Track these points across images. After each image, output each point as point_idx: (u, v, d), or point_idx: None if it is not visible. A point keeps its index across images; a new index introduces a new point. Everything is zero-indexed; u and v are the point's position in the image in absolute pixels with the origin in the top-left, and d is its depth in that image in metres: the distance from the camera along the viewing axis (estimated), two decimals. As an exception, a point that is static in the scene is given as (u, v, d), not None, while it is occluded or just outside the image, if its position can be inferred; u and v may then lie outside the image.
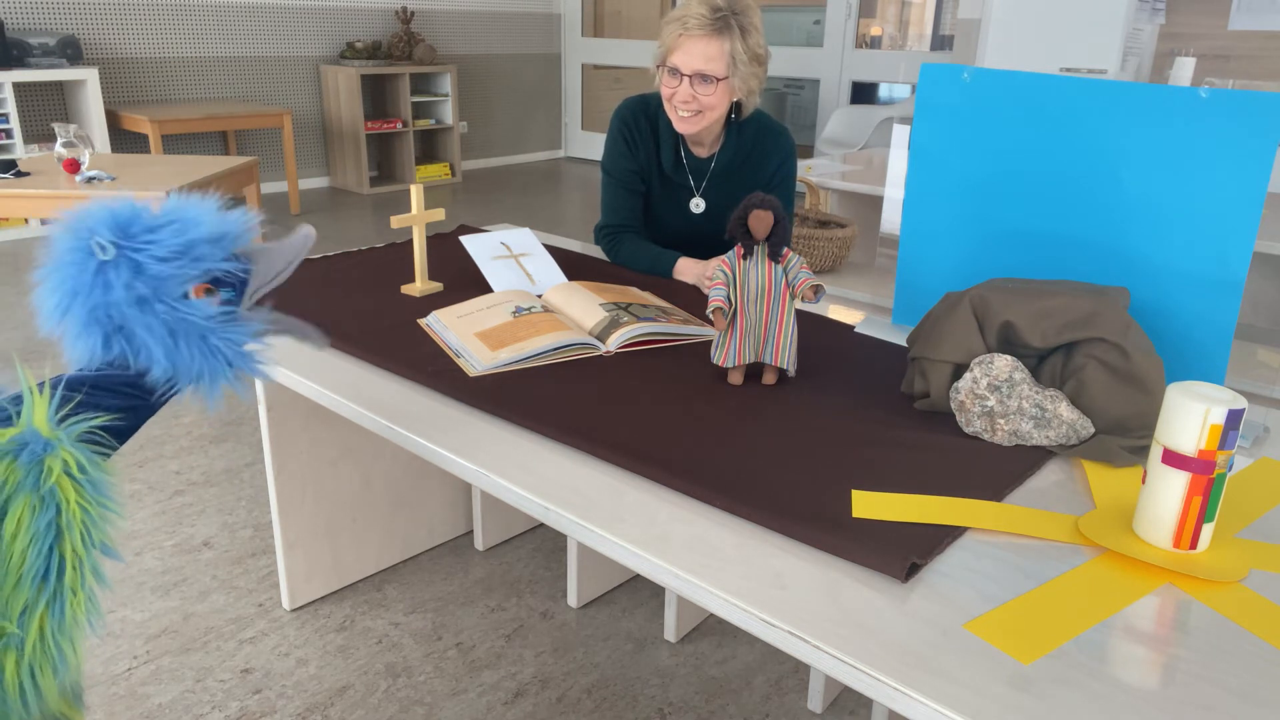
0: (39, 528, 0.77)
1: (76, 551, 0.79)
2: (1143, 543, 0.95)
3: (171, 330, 0.89)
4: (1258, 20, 4.11)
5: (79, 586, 0.80)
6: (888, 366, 1.41)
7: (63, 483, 0.79)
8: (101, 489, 0.81)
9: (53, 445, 0.79)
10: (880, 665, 0.77)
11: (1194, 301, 1.28)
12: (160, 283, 0.89)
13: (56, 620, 0.78)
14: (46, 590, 0.78)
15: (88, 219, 0.89)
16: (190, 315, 0.90)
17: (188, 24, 5.59)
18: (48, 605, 0.78)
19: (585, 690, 1.80)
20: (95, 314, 0.88)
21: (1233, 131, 1.19)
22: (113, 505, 0.83)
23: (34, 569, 0.77)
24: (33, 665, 0.78)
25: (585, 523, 0.98)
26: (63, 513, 0.78)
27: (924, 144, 1.48)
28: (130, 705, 1.72)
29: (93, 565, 0.81)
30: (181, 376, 0.91)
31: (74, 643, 0.80)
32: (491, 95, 7.35)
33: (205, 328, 0.91)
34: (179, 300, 0.90)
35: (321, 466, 1.96)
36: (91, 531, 0.80)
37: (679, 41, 1.73)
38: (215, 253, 0.92)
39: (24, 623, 0.77)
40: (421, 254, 1.69)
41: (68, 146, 3.41)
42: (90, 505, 0.80)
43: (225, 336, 0.92)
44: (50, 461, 0.78)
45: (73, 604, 0.79)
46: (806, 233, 2.41)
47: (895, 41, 6.37)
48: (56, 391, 0.84)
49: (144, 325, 0.88)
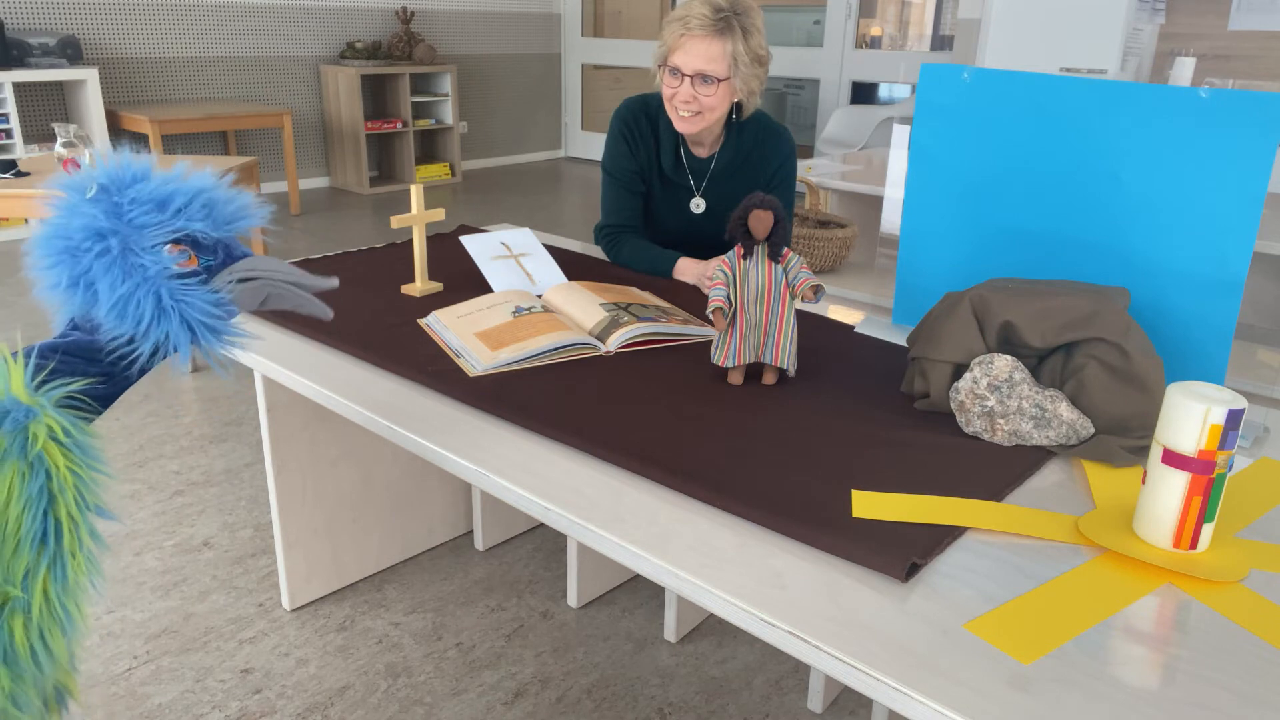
0: (31, 493, 0.78)
1: (72, 515, 0.80)
2: (1143, 543, 0.95)
3: (126, 275, 0.87)
4: (1258, 20, 4.11)
5: (77, 549, 0.81)
6: (888, 366, 1.41)
7: (50, 448, 0.79)
8: (89, 452, 0.82)
9: (35, 412, 0.79)
10: (880, 665, 0.77)
11: (1194, 301, 1.28)
12: (128, 227, 0.88)
13: (60, 583, 0.80)
14: (46, 554, 0.79)
15: (91, 169, 0.91)
16: (150, 265, 0.88)
17: (188, 24, 5.59)
18: (49, 568, 0.79)
19: (585, 690, 1.80)
20: (65, 252, 0.87)
21: (1233, 131, 1.19)
22: (102, 467, 0.83)
23: (31, 533, 0.78)
24: (41, 628, 0.79)
25: (585, 523, 0.98)
26: (53, 478, 0.79)
27: (924, 144, 1.48)
28: (130, 705, 1.72)
29: (89, 528, 0.82)
30: (137, 334, 0.88)
31: (78, 604, 0.82)
32: (491, 95, 7.35)
33: (162, 283, 0.88)
34: (145, 250, 0.88)
35: (321, 466, 1.96)
36: (84, 494, 0.81)
37: (681, 41, 1.73)
38: (195, 213, 0.91)
39: (28, 586, 0.78)
40: (421, 254, 1.69)
41: (68, 146, 3.41)
42: (80, 469, 0.81)
43: (182, 298, 0.89)
44: (34, 428, 0.79)
45: (73, 566, 0.80)
46: (806, 233, 2.41)
47: (895, 41, 6.37)
48: (30, 359, 0.84)
49: (102, 266, 0.87)
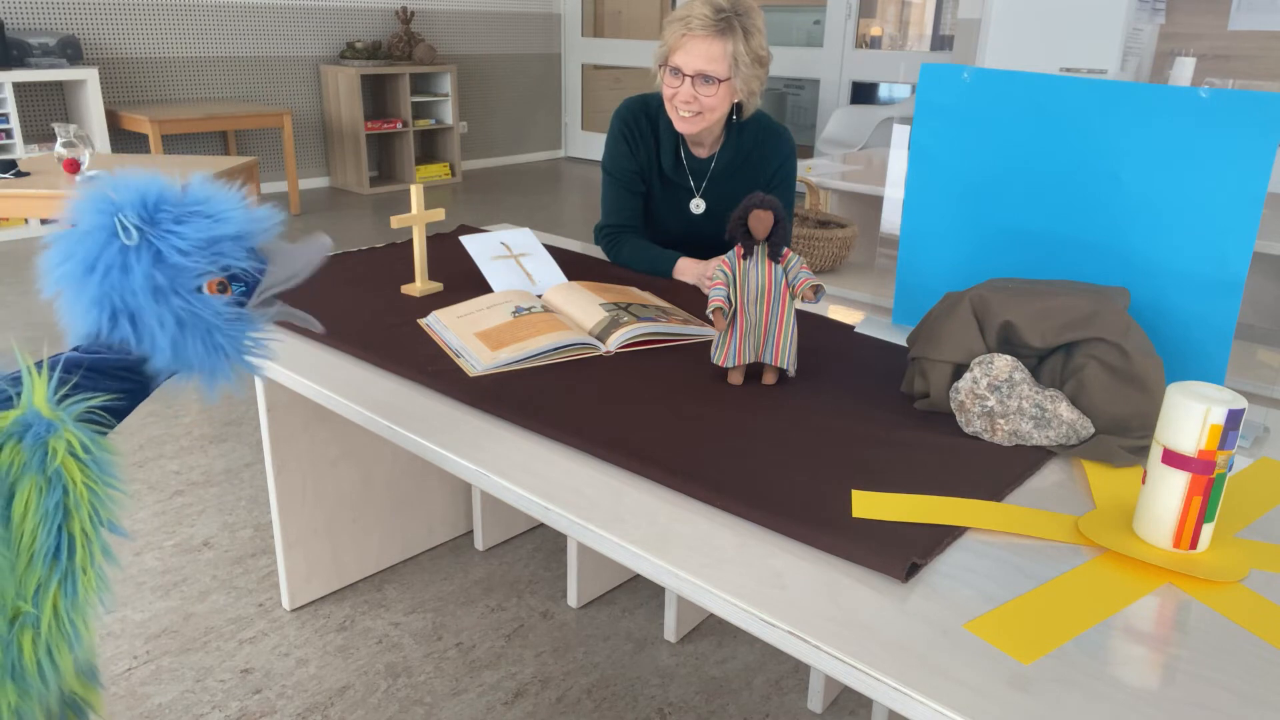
0: (48, 507, 0.78)
1: (85, 530, 0.80)
2: (1143, 543, 0.95)
3: (180, 322, 0.89)
4: (1258, 20, 4.11)
5: (89, 565, 0.81)
6: (888, 366, 1.41)
7: (68, 464, 0.80)
8: (106, 468, 0.83)
9: (56, 426, 0.80)
10: (880, 665, 0.77)
11: (1194, 301, 1.28)
12: (178, 273, 0.88)
13: (70, 599, 0.80)
14: (58, 569, 0.79)
15: (117, 194, 0.88)
16: (202, 311, 0.90)
17: (188, 24, 5.59)
18: (60, 584, 0.79)
19: (585, 690, 1.80)
20: (108, 294, 0.87)
21: (1233, 131, 1.19)
22: (118, 484, 0.83)
23: (44, 548, 0.78)
24: (49, 643, 0.79)
25: (585, 523, 0.98)
26: (70, 493, 0.80)
27: (924, 144, 1.48)
28: (130, 705, 1.72)
29: (102, 544, 0.82)
30: (182, 367, 0.91)
31: (86, 620, 0.82)
32: (491, 95, 7.35)
33: (213, 324, 0.91)
34: (192, 293, 0.89)
35: (321, 466, 1.96)
36: (99, 510, 0.81)
37: (681, 42, 1.73)
38: (237, 250, 0.92)
39: (38, 601, 0.79)
40: (421, 254, 1.69)
41: (68, 146, 3.41)
42: (96, 484, 0.81)
43: (230, 334, 0.92)
44: (54, 443, 0.79)
45: (84, 582, 0.81)
46: (806, 233, 2.41)
47: (895, 41, 6.37)
48: (55, 373, 0.84)
49: (154, 314, 0.88)
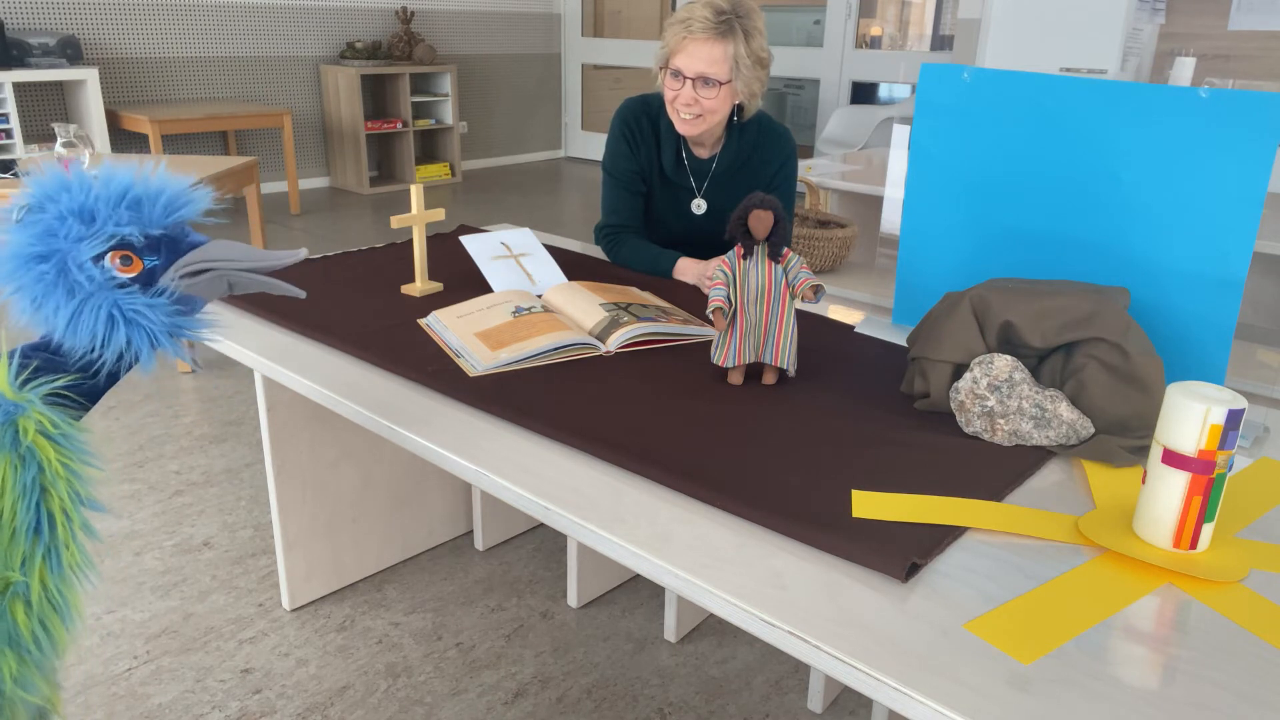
0: (25, 483, 0.80)
1: (65, 508, 0.82)
2: (1143, 543, 0.95)
3: (69, 294, 0.86)
4: (1258, 20, 4.11)
5: (70, 540, 0.83)
6: (888, 366, 1.41)
7: (40, 442, 0.81)
8: (79, 446, 0.84)
9: (22, 407, 0.81)
10: (880, 665, 0.77)
11: (1194, 301, 1.28)
12: (65, 242, 0.86)
13: (56, 573, 0.82)
14: (41, 543, 0.81)
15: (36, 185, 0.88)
16: (82, 279, 0.86)
17: (188, 24, 5.59)
18: (44, 558, 0.81)
19: (585, 690, 1.80)
20: (16, 275, 0.87)
21: (1233, 131, 1.20)
22: (93, 461, 0.84)
23: (26, 523, 0.80)
24: (41, 615, 0.81)
25: (585, 523, 0.98)
26: (45, 470, 0.81)
27: (924, 144, 1.48)
28: (130, 705, 1.72)
29: (82, 520, 0.83)
30: (94, 348, 0.88)
31: (74, 593, 0.84)
32: (491, 95, 7.35)
33: (105, 296, 0.87)
34: (81, 265, 0.86)
35: (321, 466, 1.96)
36: (76, 487, 0.83)
37: (682, 44, 1.73)
38: (122, 217, 0.88)
39: (25, 573, 0.80)
40: (421, 254, 1.69)
41: (68, 146, 3.41)
42: (72, 462, 0.82)
43: (130, 306, 0.88)
44: (23, 422, 0.80)
45: (67, 556, 0.83)
46: (806, 233, 2.41)
47: (895, 41, 6.37)
48: (14, 359, 0.85)
49: (44, 289, 0.86)
